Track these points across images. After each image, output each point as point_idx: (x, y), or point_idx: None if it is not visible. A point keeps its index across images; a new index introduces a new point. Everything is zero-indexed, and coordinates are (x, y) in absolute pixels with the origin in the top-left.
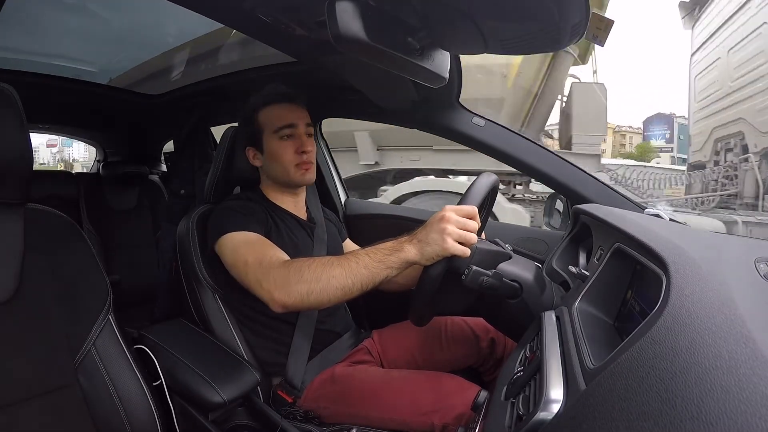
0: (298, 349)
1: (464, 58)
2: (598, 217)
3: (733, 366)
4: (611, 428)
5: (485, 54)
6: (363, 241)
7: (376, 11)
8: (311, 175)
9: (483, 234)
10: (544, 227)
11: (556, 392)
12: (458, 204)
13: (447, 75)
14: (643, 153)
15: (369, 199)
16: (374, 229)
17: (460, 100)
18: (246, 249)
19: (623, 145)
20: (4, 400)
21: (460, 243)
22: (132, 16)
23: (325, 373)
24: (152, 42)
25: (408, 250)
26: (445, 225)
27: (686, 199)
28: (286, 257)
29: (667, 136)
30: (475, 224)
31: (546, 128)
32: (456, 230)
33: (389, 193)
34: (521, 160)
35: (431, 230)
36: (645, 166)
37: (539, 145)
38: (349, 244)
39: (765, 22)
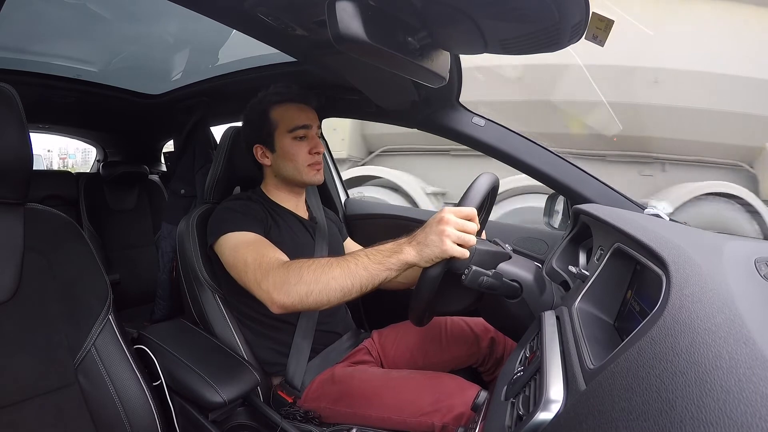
0: (299, 350)
1: None
2: (598, 217)
3: (733, 366)
4: (611, 428)
5: None
6: (363, 241)
7: (376, 11)
8: (321, 175)
9: (483, 234)
10: (545, 227)
11: (556, 392)
12: (457, 205)
13: (447, 75)
14: None
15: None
16: (374, 228)
17: None
18: (245, 249)
19: None
20: (5, 400)
21: (459, 245)
22: (132, 16)
23: (325, 374)
24: (152, 42)
25: (407, 252)
26: (443, 227)
27: None
28: (286, 258)
29: None
30: (474, 226)
31: None
32: (455, 232)
33: None
34: (521, 160)
35: (430, 232)
36: None
37: (539, 145)
38: (349, 244)
39: None
